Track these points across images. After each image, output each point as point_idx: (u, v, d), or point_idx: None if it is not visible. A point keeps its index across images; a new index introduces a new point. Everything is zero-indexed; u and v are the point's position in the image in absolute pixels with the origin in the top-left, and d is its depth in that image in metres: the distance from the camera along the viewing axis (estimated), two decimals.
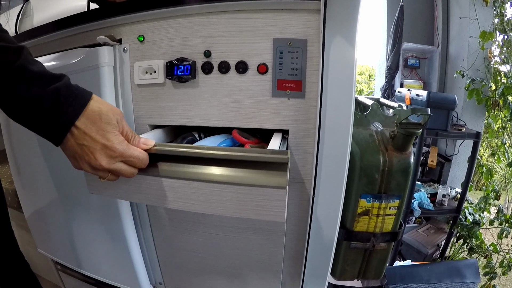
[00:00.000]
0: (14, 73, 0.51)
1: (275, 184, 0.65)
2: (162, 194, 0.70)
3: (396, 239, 1.17)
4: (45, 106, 0.53)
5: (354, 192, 1.08)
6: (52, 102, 0.53)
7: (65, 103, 0.54)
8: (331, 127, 0.88)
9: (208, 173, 0.69)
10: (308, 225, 0.97)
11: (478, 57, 2.40)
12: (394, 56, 2.65)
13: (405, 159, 1.09)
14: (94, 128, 0.57)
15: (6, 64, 0.50)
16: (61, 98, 0.54)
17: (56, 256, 1.42)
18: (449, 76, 2.68)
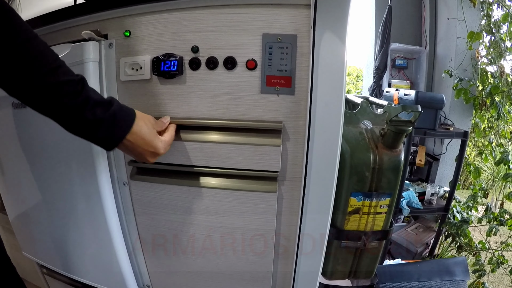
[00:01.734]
0: (82, 101, 0.66)
1: (273, 144, 0.89)
2: (193, 154, 0.94)
3: (387, 238, 1.16)
4: (104, 125, 0.69)
5: (344, 190, 1.07)
6: (110, 123, 0.70)
7: (119, 122, 0.73)
8: (321, 124, 0.87)
9: (225, 137, 0.92)
10: (298, 224, 0.96)
11: (465, 57, 2.41)
12: (382, 56, 2.66)
13: (396, 156, 1.08)
14: (141, 140, 0.77)
15: (74, 94, 0.65)
16: (117, 118, 0.72)
17: (41, 259, 1.37)
18: (436, 76, 2.70)
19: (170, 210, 1.02)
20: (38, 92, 0.63)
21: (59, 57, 0.67)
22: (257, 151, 0.87)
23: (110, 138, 0.73)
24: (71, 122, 0.68)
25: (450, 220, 2.33)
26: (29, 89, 0.63)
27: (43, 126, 1.08)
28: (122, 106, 0.75)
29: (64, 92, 0.64)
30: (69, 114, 0.66)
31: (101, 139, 0.72)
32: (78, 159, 1.04)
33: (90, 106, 0.67)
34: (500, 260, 2.39)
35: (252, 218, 0.96)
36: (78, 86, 0.66)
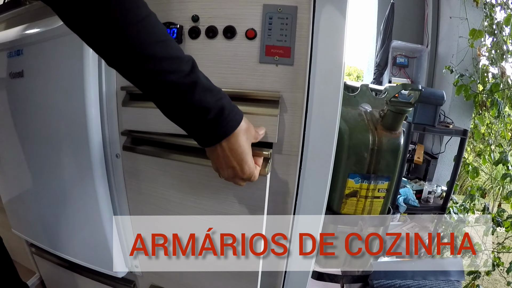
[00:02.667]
0: (190, 83, 0.58)
1: (270, 114, 0.85)
2: None
3: (384, 224, 1.14)
4: (211, 115, 0.61)
5: (342, 171, 1.04)
6: (216, 115, 0.61)
7: (225, 119, 0.63)
8: (320, 96, 0.84)
9: None
10: (293, 202, 0.93)
11: (467, 57, 2.41)
12: (383, 53, 2.65)
13: (395, 138, 1.06)
14: (232, 153, 0.67)
15: (182, 73, 0.57)
16: (224, 113, 0.62)
17: (30, 237, 1.34)
18: (437, 75, 2.69)
19: (161, 183, 0.99)
20: (144, 62, 0.55)
21: (168, 32, 0.60)
22: (253, 121, 0.84)
23: (212, 133, 0.63)
24: (177, 106, 0.60)
25: (447, 219, 2.31)
26: (135, 58, 0.55)
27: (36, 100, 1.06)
28: (231, 101, 0.66)
29: (173, 68, 0.57)
30: (175, 95, 0.58)
31: (202, 131, 0.63)
32: (72, 134, 1.02)
33: (200, 90, 0.59)
34: (496, 262, 2.38)
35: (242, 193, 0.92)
36: (188, 65, 0.59)
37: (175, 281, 1.14)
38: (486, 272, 2.45)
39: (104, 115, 0.98)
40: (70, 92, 0.97)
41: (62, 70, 0.97)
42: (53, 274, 1.47)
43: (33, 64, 1.03)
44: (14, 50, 1.06)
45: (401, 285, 1.99)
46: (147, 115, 0.92)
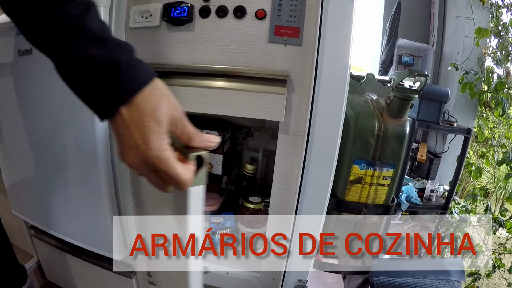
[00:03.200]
0: (73, 28, 0.45)
1: (278, 92, 0.86)
2: (195, 100, 0.90)
3: (388, 213, 1.13)
4: (98, 72, 0.45)
5: (347, 157, 1.04)
6: (106, 71, 0.45)
7: (122, 77, 0.46)
8: (328, 77, 0.85)
9: (230, 84, 0.89)
10: (298, 184, 0.93)
11: (472, 57, 2.40)
12: (389, 51, 2.65)
13: (401, 126, 1.06)
14: (137, 120, 0.46)
15: (62, 16, 0.44)
16: (119, 69, 0.46)
17: (30, 219, 1.34)
18: (442, 74, 2.68)
19: None
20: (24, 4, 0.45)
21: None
22: (261, 99, 0.85)
23: (104, 95, 0.46)
24: (56, 58, 0.47)
25: (448, 219, 2.30)
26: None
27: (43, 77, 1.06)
28: (136, 59, 0.49)
29: (55, 10, 0.44)
30: (52, 43, 0.46)
31: (92, 94, 0.47)
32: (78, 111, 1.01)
33: (85, 37, 0.45)
34: (497, 264, 2.36)
35: None
36: (78, 9, 0.45)
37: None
38: (487, 274, 2.43)
39: None
40: None
41: None
42: (51, 258, 1.46)
43: None
44: None
45: (401, 283, 1.97)
46: None
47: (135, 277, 1.28)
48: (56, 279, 1.55)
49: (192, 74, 0.91)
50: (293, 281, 1.10)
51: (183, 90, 0.90)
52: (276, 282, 1.11)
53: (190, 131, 0.50)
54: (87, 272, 1.37)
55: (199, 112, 0.91)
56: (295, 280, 1.10)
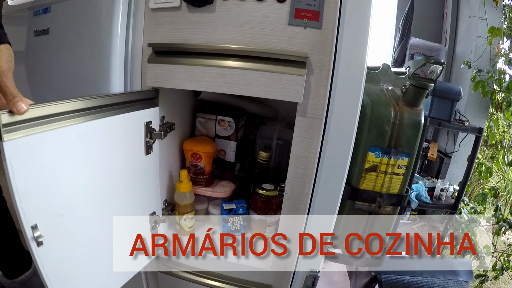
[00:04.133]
0: None
1: (297, 73, 0.85)
2: (214, 80, 0.90)
3: (402, 204, 1.12)
4: None
5: (362, 144, 1.03)
6: None
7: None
8: (346, 60, 0.84)
9: (249, 64, 0.88)
10: (315, 169, 0.92)
11: (485, 57, 2.39)
12: (401, 49, 2.64)
13: (417, 114, 1.05)
14: None
15: None
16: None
17: None
18: (454, 74, 2.67)
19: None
20: None
21: None
22: (280, 80, 0.85)
23: None
24: None
25: (457, 219, 2.28)
26: None
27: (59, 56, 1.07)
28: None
29: None
30: None
31: None
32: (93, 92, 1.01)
33: None
34: (506, 266, 2.34)
35: None
36: None
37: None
38: (494, 276, 2.41)
39: (128, 73, 0.99)
40: (95, 49, 0.98)
41: (90, 27, 0.98)
42: None
43: (60, 22, 1.04)
44: (41, 8, 1.06)
45: (409, 281, 1.97)
46: (173, 72, 0.92)
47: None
48: None
49: (212, 55, 0.90)
50: (305, 271, 1.09)
51: (203, 70, 0.90)
52: (287, 272, 1.10)
53: (8, 87, 0.60)
54: None
55: (219, 91, 0.91)
56: (307, 269, 1.08)
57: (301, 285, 1.12)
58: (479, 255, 2.44)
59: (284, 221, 1.02)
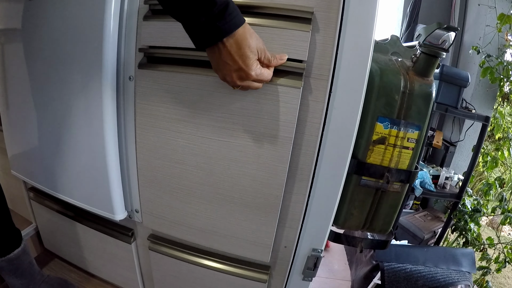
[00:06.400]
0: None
1: (302, 29, 0.79)
2: None
3: (411, 182, 1.06)
4: (214, 9, 0.59)
5: (370, 114, 0.96)
6: (221, 9, 0.59)
7: (230, 15, 0.61)
8: (354, 17, 0.78)
9: (252, 19, 0.81)
10: (320, 134, 0.86)
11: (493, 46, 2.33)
12: (408, 36, 2.58)
13: (428, 85, 0.99)
14: (238, 50, 0.66)
15: None
16: (228, 10, 0.60)
17: (30, 178, 1.28)
18: (461, 62, 2.61)
19: (177, 103, 0.92)
20: None
21: None
22: (283, 35, 0.78)
23: (216, 28, 0.61)
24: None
25: (461, 208, 2.22)
26: None
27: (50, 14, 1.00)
28: (236, 6, 0.64)
29: None
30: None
31: (205, 26, 0.61)
32: (85, 54, 0.95)
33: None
34: (509, 258, 2.28)
35: (267, 120, 0.85)
36: None
37: (178, 224, 1.07)
38: (497, 269, 2.36)
39: (122, 32, 0.92)
40: (89, 6, 0.91)
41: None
42: (50, 223, 1.41)
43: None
44: None
45: (412, 270, 1.91)
46: (170, 29, 0.86)
47: (135, 242, 1.24)
48: (54, 247, 1.50)
49: None
50: (307, 250, 1.03)
51: None
52: (287, 250, 1.04)
53: (269, 56, 0.74)
54: (86, 238, 1.32)
55: None
56: (309, 249, 1.02)
57: (302, 267, 1.07)
58: (481, 247, 2.40)
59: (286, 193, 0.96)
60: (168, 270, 1.18)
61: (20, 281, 1.18)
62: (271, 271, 1.10)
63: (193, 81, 0.87)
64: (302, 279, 1.09)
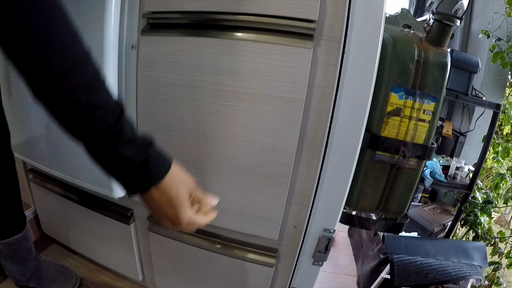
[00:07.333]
0: (115, 133, 0.54)
1: None
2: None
3: (428, 157, 1.01)
4: (132, 168, 0.57)
5: (384, 84, 0.92)
6: (139, 167, 0.57)
7: (149, 170, 0.59)
8: None
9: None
10: (332, 101, 0.81)
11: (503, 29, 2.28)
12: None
13: (442, 55, 0.95)
14: (167, 203, 0.62)
15: (106, 122, 0.53)
16: (148, 166, 0.58)
17: (30, 158, 1.23)
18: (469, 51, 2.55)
19: (181, 68, 0.87)
20: (68, 108, 0.51)
21: (100, 73, 0.54)
22: None
23: (135, 184, 0.60)
24: (98, 154, 0.57)
25: (472, 200, 2.16)
26: (59, 103, 0.51)
27: None
28: (160, 155, 0.61)
29: (97, 116, 0.53)
30: (97, 144, 0.55)
31: (125, 181, 0.60)
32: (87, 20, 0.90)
33: (123, 141, 0.55)
34: None
35: (277, 82, 0.80)
36: (115, 114, 0.54)
37: None
38: (508, 264, 2.30)
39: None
40: None
41: None
42: (49, 206, 1.37)
43: None
44: None
45: (423, 263, 1.85)
46: None
47: (134, 223, 1.19)
48: (52, 231, 1.45)
49: None
50: (318, 230, 0.97)
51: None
52: (297, 231, 0.99)
53: (199, 197, 0.68)
54: (84, 221, 1.27)
55: (221, 11, 0.80)
56: (320, 229, 0.97)
57: (312, 249, 1.01)
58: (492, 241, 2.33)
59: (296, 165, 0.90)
60: (168, 253, 1.13)
61: (16, 267, 1.14)
62: (279, 255, 1.04)
63: (198, 45, 0.83)
64: (312, 263, 1.03)
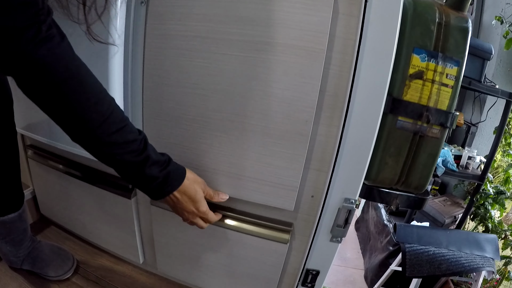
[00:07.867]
0: (143, 159, 0.71)
1: None
2: None
3: (451, 125, 0.96)
4: (157, 182, 0.75)
5: (405, 45, 0.88)
6: (162, 180, 0.76)
7: (170, 181, 0.77)
8: None
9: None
10: (355, 54, 0.76)
11: None
12: None
13: (463, 19, 0.92)
14: (188, 199, 0.82)
15: (137, 152, 0.70)
16: (169, 178, 0.77)
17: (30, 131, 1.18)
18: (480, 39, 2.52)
19: (193, 18, 0.81)
20: (104, 148, 0.67)
21: (124, 115, 0.70)
22: None
23: (160, 192, 0.78)
24: (130, 176, 0.73)
25: (484, 191, 2.11)
26: (97, 145, 0.67)
27: None
28: (176, 167, 0.80)
29: (128, 150, 0.69)
30: (129, 169, 0.72)
31: (151, 192, 0.77)
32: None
33: (149, 164, 0.72)
34: None
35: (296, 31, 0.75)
36: (141, 144, 0.71)
37: (188, 166, 0.94)
38: None
39: None
40: None
41: None
42: (47, 183, 1.31)
43: None
44: None
45: (435, 253, 1.80)
46: None
47: (135, 198, 1.13)
48: (50, 212, 1.40)
49: None
50: (338, 201, 0.90)
51: None
52: (315, 201, 0.93)
53: (211, 194, 0.90)
54: (84, 197, 1.21)
55: None
56: (340, 199, 0.89)
57: (331, 222, 0.93)
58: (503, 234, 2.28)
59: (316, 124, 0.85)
60: (171, 229, 1.07)
61: (9, 248, 1.09)
62: (294, 229, 0.97)
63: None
64: (330, 239, 0.95)
